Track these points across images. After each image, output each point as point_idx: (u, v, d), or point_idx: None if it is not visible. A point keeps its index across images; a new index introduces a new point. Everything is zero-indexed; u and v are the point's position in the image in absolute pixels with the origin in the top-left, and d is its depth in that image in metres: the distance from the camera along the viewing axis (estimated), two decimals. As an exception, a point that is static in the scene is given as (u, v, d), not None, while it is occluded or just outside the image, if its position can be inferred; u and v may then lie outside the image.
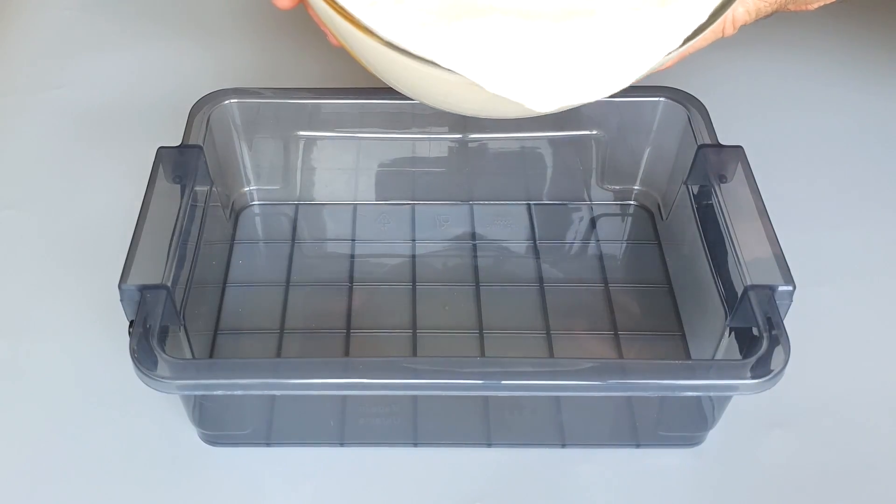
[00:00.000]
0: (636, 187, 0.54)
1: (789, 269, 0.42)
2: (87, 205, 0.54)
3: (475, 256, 0.52)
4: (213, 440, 0.44)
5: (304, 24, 0.67)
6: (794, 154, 0.58)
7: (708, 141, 0.48)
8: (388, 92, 0.51)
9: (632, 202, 0.55)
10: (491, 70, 0.35)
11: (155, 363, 0.38)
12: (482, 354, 0.47)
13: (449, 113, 0.42)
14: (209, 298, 0.48)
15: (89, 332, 0.48)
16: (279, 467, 0.43)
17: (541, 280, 0.51)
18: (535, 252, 0.52)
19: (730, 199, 0.45)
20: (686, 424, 0.44)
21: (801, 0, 0.44)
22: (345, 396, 0.43)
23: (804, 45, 0.65)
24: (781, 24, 0.67)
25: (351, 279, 0.51)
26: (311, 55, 0.64)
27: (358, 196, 0.55)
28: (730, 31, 0.43)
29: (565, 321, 0.49)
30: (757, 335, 0.40)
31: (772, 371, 0.38)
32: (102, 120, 0.59)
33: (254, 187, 0.54)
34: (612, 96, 0.37)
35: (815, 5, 0.45)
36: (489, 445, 0.44)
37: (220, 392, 0.40)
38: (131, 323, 0.40)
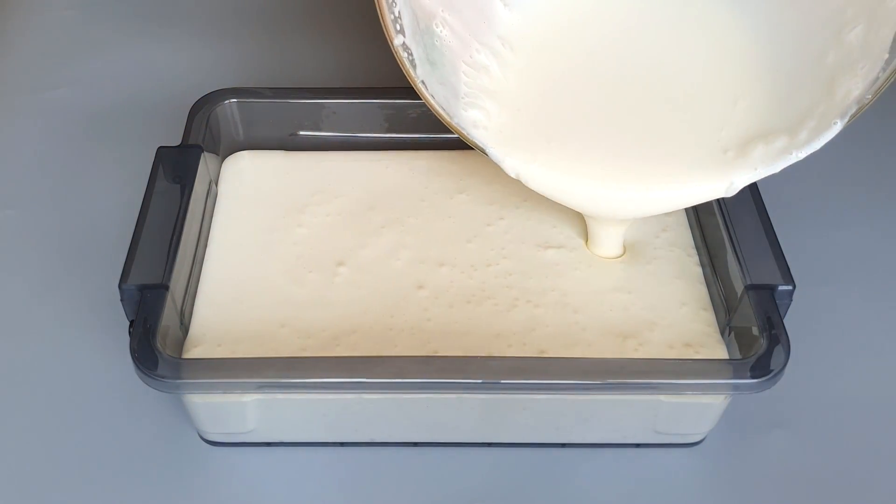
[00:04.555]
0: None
1: (789, 269, 0.42)
2: (87, 205, 0.54)
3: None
4: (213, 440, 0.44)
5: (304, 23, 0.67)
6: (794, 154, 0.58)
7: (708, 141, 0.48)
8: (388, 92, 0.51)
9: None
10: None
11: (155, 363, 0.38)
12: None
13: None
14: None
15: (89, 332, 0.48)
16: (279, 467, 0.43)
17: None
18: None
19: (730, 198, 0.45)
20: (686, 424, 0.44)
21: None
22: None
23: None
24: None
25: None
26: (312, 55, 0.64)
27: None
28: None
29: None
30: (757, 335, 0.40)
31: (771, 371, 0.38)
32: (102, 120, 0.59)
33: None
34: None
35: None
36: (489, 445, 0.44)
37: (220, 392, 0.40)
38: (131, 323, 0.40)
